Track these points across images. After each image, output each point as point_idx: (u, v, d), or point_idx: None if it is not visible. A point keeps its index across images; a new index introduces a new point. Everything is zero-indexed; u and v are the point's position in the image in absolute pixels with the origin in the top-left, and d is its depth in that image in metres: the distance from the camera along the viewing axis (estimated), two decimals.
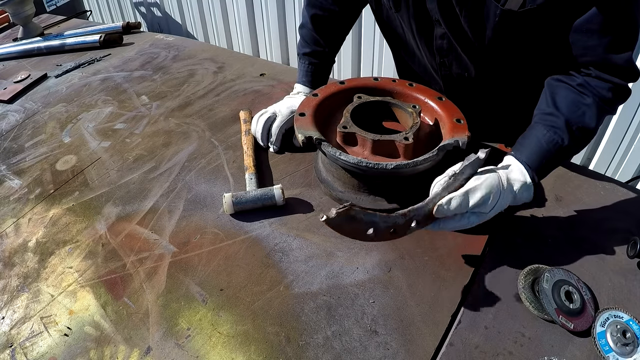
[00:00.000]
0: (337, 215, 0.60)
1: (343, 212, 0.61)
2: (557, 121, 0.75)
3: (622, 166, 2.04)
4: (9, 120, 1.29)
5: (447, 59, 0.92)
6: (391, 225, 0.67)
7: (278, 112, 1.02)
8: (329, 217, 0.60)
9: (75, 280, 0.78)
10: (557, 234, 0.80)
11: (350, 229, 0.64)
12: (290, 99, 1.06)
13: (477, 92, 0.97)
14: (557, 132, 0.75)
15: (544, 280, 0.68)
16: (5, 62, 1.68)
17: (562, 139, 0.75)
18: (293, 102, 1.03)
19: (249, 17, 3.00)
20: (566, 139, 0.75)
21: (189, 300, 0.73)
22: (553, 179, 0.91)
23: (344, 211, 0.61)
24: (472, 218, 0.71)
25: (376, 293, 0.72)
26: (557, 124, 0.75)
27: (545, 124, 0.76)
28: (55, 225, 0.90)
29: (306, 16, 1.07)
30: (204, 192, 0.93)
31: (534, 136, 0.77)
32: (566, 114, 0.75)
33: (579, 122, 0.75)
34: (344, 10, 1.06)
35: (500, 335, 0.65)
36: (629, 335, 0.64)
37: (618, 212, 0.83)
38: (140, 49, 1.65)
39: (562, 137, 0.75)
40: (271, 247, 0.80)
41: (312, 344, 0.65)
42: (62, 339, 0.69)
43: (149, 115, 1.22)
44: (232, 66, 1.45)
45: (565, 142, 0.75)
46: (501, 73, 0.91)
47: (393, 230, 0.68)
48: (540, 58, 0.84)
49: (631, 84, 0.77)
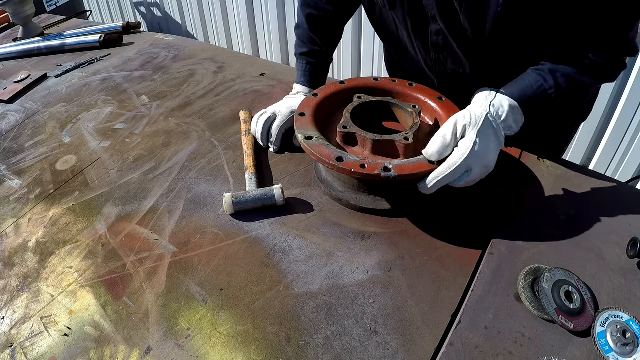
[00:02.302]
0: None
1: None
2: (541, 68, 0.78)
3: (622, 166, 2.04)
4: (9, 120, 1.29)
5: (443, 55, 0.92)
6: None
7: (278, 112, 1.03)
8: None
9: (75, 280, 0.78)
10: (557, 234, 0.80)
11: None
12: (290, 99, 1.06)
13: (472, 89, 0.97)
14: (541, 74, 0.77)
15: (544, 280, 0.68)
16: (5, 62, 1.68)
17: (546, 80, 0.76)
18: (293, 102, 1.03)
19: (249, 17, 3.00)
20: (550, 81, 0.76)
21: (189, 300, 0.73)
22: (553, 178, 0.91)
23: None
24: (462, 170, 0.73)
25: (376, 293, 0.72)
26: (541, 69, 0.78)
27: (529, 71, 0.80)
28: (55, 225, 0.90)
29: (301, 16, 1.07)
30: (204, 192, 0.93)
31: (519, 79, 0.80)
32: (551, 65, 0.77)
33: (564, 70, 0.76)
34: (339, 9, 1.06)
35: (500, 335, 0.65)
36: (629, 335, 0.63)
37: (618, 212, 0.83)
38: (140, 49, 1.65)
39: (546, 79, 0.76)
40: (271, 247, 0.80)
41: (312, 344, 0.65)
42: (62, 339, 0.69)
43: (149, 115, 1.22)
44: (232, 66, 1.45)
45: (548, 83, 0.76)
46: (496, 69, 0.91)
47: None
48: (536, 52, 0.84)
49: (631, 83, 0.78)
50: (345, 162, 0.76)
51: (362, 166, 0.75)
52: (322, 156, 0.77)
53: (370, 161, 0.76)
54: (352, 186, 0.86)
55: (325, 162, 0.76)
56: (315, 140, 0.81)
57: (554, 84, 0.76)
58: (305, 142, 0.81)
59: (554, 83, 0.76)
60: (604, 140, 2.06)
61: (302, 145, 0.82)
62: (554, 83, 0.76)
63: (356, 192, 0.86)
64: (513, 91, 0.78)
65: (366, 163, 0.75)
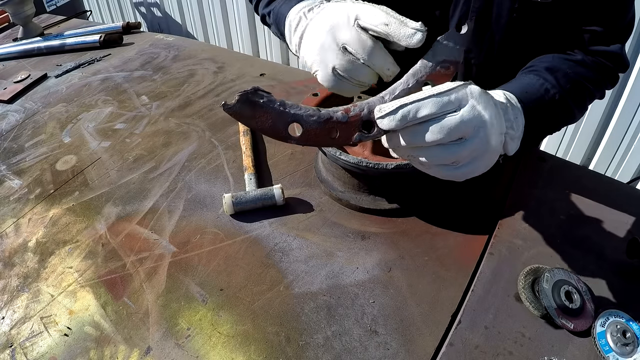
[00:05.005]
0: (239, 99, 0.48)
1: (244, 95, 0.48)
2: (536, 64, 0.73)
3: (622, 166, 2.04)
4: (9, 120, 1.29)
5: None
6: (324, 121, 0.51)
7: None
8: (228, 104, 0.48)
9: (75, 280, 0.78)
10: (557, 233, 0.80)
11: (261, 122, 0.50)
12: (319, 17, 0.63)
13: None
14: (538, 74, 0.71)
15: (544, 280, 0.68)
16: (5, 62, 1.68)
17: (546, 79, 0.70)
18: (332, 17, 0.60)
19: (249, 17, 3.00)
20: (550, 80, 0.69)
21: (189, 300, 0.73)
22: (553, 178, 0.91)
23: (245, 95, 0.48)
24: (452, 147, 0.50)
25: (376, 293, 0.72)
26: (535, 66, 0.73)
27: (521, 73, 0.74)
28: (55, 225, 0.90)
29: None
30: (204, 192, 0.93)
31: (513, 80, 0.72)
32: (547, 62, 0.72)
33: (560, 67, 0.71)
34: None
35: (500, 335, 0.65)
36: (629, 335, 0.63)
37: (618, 213, 0.83)
38: (140, 49, 1.65)
39: (545, 78, 0.70)
40: (271, 247, 0.80)
41: (312, 344, 0.65)
42: (62, 339, 0.69)
43: (149, 115, 1.22)
44: (232, 66, 1.44)
45: (548, 82, 0.69)
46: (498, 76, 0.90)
47: (333, 131, 0.52)
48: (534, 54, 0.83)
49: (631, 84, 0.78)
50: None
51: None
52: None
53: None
54: (352, 186, 0.86)
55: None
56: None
57: (556, 83, 0.70)
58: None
59: (556, 82, 0.70)
60: (604, 140, 2.06)
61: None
62: (555, 82, 0.70)
63: (356, 192, 0.86)
64: (510, 87, 0.67)
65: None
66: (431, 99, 0.48)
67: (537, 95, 0.68)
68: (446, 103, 0.48)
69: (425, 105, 0.48)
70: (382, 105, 0.51)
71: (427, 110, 0.48)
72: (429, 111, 0.48)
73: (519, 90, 0.66)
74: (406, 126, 0.49)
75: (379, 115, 0.50)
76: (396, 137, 0.51)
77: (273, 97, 0.51)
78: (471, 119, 0.49)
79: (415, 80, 0.54)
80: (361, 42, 0.56)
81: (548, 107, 0.68)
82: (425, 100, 0.48)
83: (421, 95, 0.48)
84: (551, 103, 0.68)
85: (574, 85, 0.71)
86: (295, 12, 0.67)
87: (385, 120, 0.49)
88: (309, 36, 0.62)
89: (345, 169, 0.83)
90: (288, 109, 0.51)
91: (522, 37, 0.78)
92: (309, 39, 0.62)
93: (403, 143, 0.51)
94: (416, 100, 0.48)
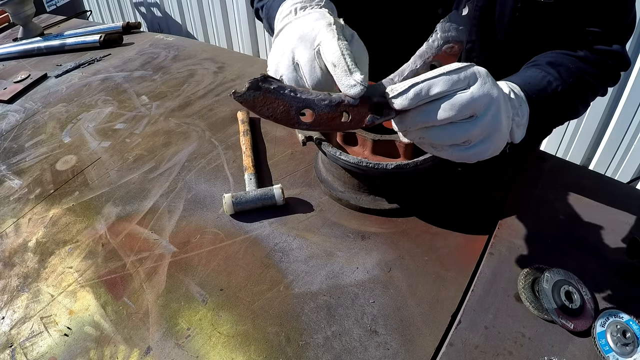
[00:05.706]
0: (250, 86, 0.48)
1: (255, 82, 0.48)
2: (538, 59, 0.73)
3: (622, 166, 2.04)
4: (9, 120, 1.29)
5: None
6: (336, 105, 0.50)
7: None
8: (238, 92, 0.48)
9: (75, 280, 0.78)
10: (557, 234, 0.80)
11: (273, 109, 0.50)
12: (298, 22, 0.61)
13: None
14: (540, 67, 0.71)
15: (544, 280, 0.68)
16: (5, 62, 1.68)
17: (548, 72, 0.70)
18: (304, 29, 0.58)
19: (249, 17, 3.00)
20: (553, 73, 0.70)
21: (189, 300, 0.73)
22: (553, 178, 0.91)
23: (255, 82, 0.48)
24: (462, 125, 0.51)
25: (376, 293, 0.72)
26: (538, 61, 0.73)
27: (524, 67, 0.74)
28: (55, 225, 0.90)
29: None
30: (204, 192, 0.93)
31: (516, 73, 0.71)
32: (549, 57, 0.73)
33: (562, 62, 0.72)
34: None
35: (500, 335, 0.65)
36: (629, 335, 0.64)
37: (618, 212, 0.83)
38: (140, 49, 1.65)
39: (547, 71, 0.70)
40: (271, 247, 0.80)
41: (312, 344, 0.65)
42: (62, 339, 0.69)
43: (149, 115, 1.22)
44: (232, 66, 1.45)
45: (550, 75, 0.69)
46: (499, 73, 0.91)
47: (345, 114, 0.51)
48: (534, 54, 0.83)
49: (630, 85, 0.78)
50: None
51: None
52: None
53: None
54: (352, 186, 0.86)
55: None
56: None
57: (558, 77, 0.71)
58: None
59: (558, 76, 0.71)
60: (604, 140, 2.06)
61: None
62: (558, 76, 0.71)
63: (356, 192, 0.86)
64: (513, 79, 0.68)
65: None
66: (442, 77, 0.49)
67: (539, 87, 0.68)
68: (456, 81, 0.49)
69: (437, 83, 0.49)
70: (393, 85, 0.51)
71: (438, 88, 0.49)
72: (441, 89, 0.49)
73: (522, 82, 0.66)
74: (418, 105, 0.50)
75: (392, 94, 0.50)
76: (407, 117, 0.52)
77: (283, 82, 0.51)
78: (481, 95, 0.50)
79: (423, 62, 0.54)
80: (312, 70, 0.57)
81: (551, 98, 0.69)
82: (436, 78, 0.49)
83: (432, 74, 0.49)
84: (554, 95, 0.69)
85: (576, 80, 0.72)
86: (289, 5, 0.66)
87: (398, 99, 0.50)
88: (281, 36, 0.62)
89: (345, 169, 0.83)
90: (299, 94, 0.51)
91: (524, 37, 0.79)
92: (280, 39, 0.61)
93: (415, 123, 0.51)
94: (428, 79, 0.49)
